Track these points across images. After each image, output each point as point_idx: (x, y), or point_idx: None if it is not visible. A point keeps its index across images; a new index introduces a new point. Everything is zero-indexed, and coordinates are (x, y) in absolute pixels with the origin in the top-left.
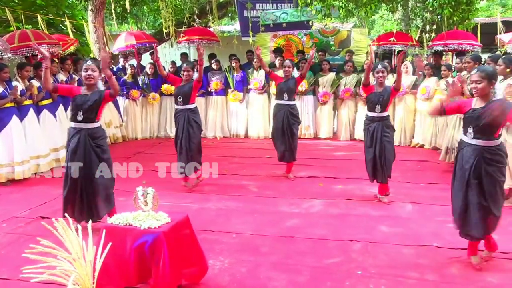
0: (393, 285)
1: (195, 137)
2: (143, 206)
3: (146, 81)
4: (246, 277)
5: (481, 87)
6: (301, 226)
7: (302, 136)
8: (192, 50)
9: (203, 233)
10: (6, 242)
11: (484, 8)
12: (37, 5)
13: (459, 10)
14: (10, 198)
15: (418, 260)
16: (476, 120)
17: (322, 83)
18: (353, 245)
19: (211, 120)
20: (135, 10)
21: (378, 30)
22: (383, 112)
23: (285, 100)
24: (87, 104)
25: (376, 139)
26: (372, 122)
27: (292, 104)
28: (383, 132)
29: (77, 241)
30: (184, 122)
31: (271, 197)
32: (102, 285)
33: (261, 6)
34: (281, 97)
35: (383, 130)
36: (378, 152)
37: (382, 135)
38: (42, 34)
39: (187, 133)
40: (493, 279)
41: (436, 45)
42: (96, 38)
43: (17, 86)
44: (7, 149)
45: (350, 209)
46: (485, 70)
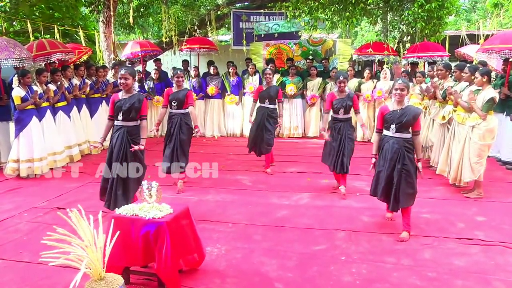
0: (373, 269)
1: (185, 138)
2: (148, 198)
3: (151, 85)
4: (241, 262)
5: (403, 93)
6: (290, 217)
7: (291, 136)
8: (193, 57)
9: (202, 223)
10: (27, 230)
11: (452, 23)
12: (54, 17)
13: (431, 24)
14: (30, 190)
15: (395, 246)
16: (398, 119)
17: (310, 87)
18: (337, 233)
19: (210, 120)
20: (141, 21)
21: (360, 41)
22: (346, 114)
23: (266, 104)
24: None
25: (341, 136)
26: (338, 122)
27: (272, 107)
28: (347, 131)
29: (89, 229)
30: (177, 124)
31: (263, 190)
32: (112, 267)
33: (255, 18)
34: (262, 102)
35: (346, 129)
36: (342, 147)
37: (346, 134)
38: (56, 43)
39: (178, 134)
40: (460, 262)
41: (410, 57)
42: (106, 47)
43: (37, 90)
44: (27, 147)
45: (334, 201)
46: (406, 81)
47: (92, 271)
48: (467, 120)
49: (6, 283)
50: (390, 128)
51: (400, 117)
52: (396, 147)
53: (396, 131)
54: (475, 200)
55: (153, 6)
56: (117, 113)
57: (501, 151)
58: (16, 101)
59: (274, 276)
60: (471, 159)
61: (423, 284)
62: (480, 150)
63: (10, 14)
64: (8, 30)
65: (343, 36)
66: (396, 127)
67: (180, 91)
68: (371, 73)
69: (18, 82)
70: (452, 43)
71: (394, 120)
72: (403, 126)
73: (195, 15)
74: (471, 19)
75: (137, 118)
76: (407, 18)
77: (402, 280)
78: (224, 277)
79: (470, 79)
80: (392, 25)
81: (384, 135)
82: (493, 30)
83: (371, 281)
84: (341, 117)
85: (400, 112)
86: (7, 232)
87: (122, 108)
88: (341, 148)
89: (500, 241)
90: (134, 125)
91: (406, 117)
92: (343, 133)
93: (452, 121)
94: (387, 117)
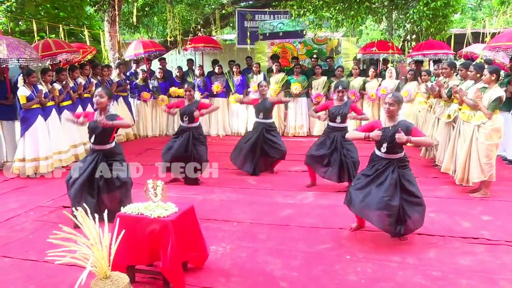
0: (378, 268)
1: (204, 147)
2: (153, 197)
3: (155, 85)
4: (245, 261)
5: (393, 109)
6: (295, 216)
7: (296, 134)
8: (198, 57)
9: (207, 222)
10: (33, 228)
11: (457, 21)
12: (60, 17)
13: (436, 22)
14: (35, 189)
15: (400, 246)
16: (390, 137)
17: (315, 86)
18: (342, 232)
19: (214, 119)
20: (146, 20)
21: (365, 39)
22: (342, 123)
23: (260, 118)
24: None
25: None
26: (333, 131)
27: (268, 122)
28: (342, 141)
29: (95, 228)
30: (191, 138)
31: (268, 189)
32: (117, 265)
33: (260, 17)
34: (257, 115)
35: (341, 139)
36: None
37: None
38: (62, 43)
39: (194, 148)
40: (465, 261)
41: (416, 55)
42: (111, 46)
43: (42, 89)
44: (33, 146)
45: (339, 200)
46: (397, 96)
47: (97, 270)
48: (473, 118)
49: (12, 281)
50: (381, 147)
51: (392, 136)
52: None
53: (387, 151)
54: (480, 199)
55: (157, 5)
56: (90, 135)
57: (507, 150)
58: (21, 101)
59: (279, 275)
60: (480, 159)
61: (428, 283)
62: (488, 150)
63: (16, 13)
64: (14, 30)
65: (348, 34)
66: (388, 146)
67: (191, 105)
68: (375, 72)
69: (23, 82)
70: (458, 41)
71: (386, 139)
72: (395, 145)
73: (199, 14)
74: (477, 17)
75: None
76: (412, 16)
77: (407, 279)
78: (229, 276)
79: (476, 77)
80: (397, 23)
81: (375, 155)
82: (499, 28)
83: (376, 280)
84: (337, 126)
85: (392, 130)
86: (13, 231)
87: (95, 131)
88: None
89: (506, 241)
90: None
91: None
92: (337, 143)
93: (457, 120)
94: None
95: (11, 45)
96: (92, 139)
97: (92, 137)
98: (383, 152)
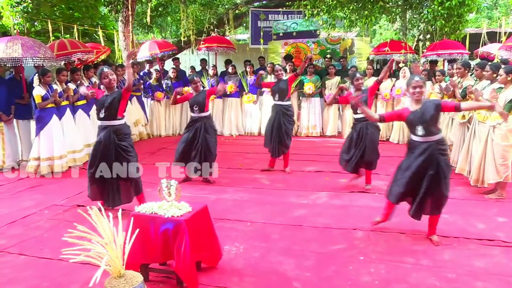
0: (391, 269)
1: (212, 141)
2: (167, 196)
3: (169, 84)
4: (258, 261)
5: (422, 90)
6: (308, 216)
7: (309, 135)
8: (211, 56)
9: (220, 222)
10: (48, 227)
11: (473, 20)
12: (74, 17)
13: (451, 22)
14: (50, 188)
15: (414, 246)
16: (421, 118)
17: (329, 86)
18: (355, 233)
19: (228, 119)
20: (159, 20)
21: (379, 39)
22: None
23: (276, 100)
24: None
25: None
26: (358, 123)
27: (286, 104)
28: (367, 130)
29: (109, 227)
30: (201, 128)
31: (281, 189)
32: (130, 264)
33: (273, 17)
34: (274, 97)
35: (367, 128)
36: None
37: (366, 132)
38: (77, 43)
39: (204, 137)
40: (480, 263)
41: (430, 55)
42: (125, 46)
43: (57, 89)
44: (47, 145)
45: (352, 201)
46: (422, 77)
47: (111, 268)
48: (488, 119)
49: (27, 278)
50: (416, 131)
51: (422, 116)
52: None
53: (426, 133)
54: (496, 201)
55: (171, 6)
56: (99, 111)
57: None
58: (37, 100)
59: (292, 276)
60: (496, 160)
61: (443, 285)
62: (503, 151)
63: (31, 14)
64: (29, 30)
65: (361, 34)
66: (423, 127)
67: (199, 94)
68: (389, 72)
69: (38, 81)
70: (473, 41)
71: (418, 121)
72: (430, 124)
73: (213, 14)
74: (493, 16)
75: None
76: (426, 16)
77: (421, 280)
78: (242, 275)
79: (492, 77)
80: (411, 23)
81: (412, 140)
82: None
83: (389, 281)
84: (361, 117)
85: (421, 111)
86: (29, 229)
87: (104, 105)
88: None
89: None
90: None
91: (429, 113)
92: (364, 134)
93: (472, 120)
94: (410, 119)
95: (26, 45)
96: (101, 113)
97: (100, 112)
98: (420, 136)
